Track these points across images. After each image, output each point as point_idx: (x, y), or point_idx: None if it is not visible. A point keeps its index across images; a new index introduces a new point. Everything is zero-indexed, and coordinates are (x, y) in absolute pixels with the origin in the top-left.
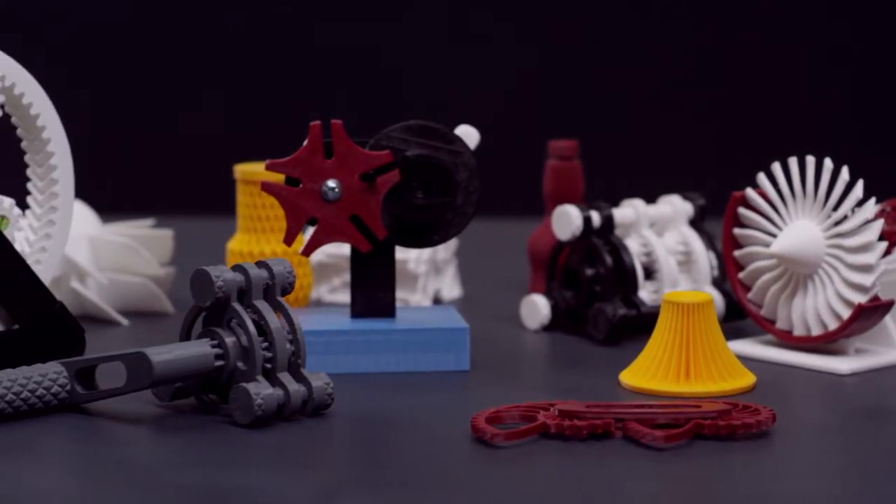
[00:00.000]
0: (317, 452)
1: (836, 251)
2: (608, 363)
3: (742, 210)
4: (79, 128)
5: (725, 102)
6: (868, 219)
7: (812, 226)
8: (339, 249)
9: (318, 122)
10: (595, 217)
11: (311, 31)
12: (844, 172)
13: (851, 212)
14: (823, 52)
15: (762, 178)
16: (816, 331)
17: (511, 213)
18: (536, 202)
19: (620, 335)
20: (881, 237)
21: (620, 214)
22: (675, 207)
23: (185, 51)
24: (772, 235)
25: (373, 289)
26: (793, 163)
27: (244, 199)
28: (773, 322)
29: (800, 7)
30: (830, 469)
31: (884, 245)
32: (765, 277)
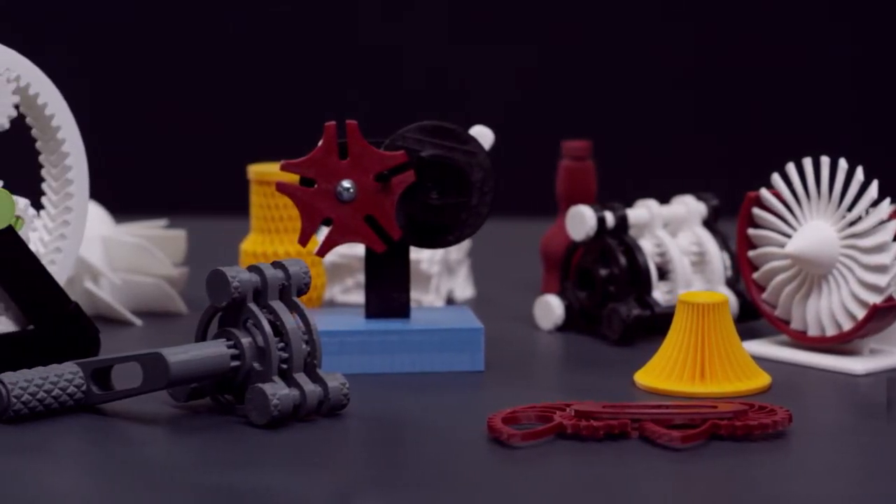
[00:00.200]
0: (332, 453)
1: (851, 251)
2: (622, 363)
3: (756, 210)
4: (91, 128)
5: (740, 103)
6: (883, 219)
7: (826, 226)
8: (352, 250)
9: (333, 123)
10: (609, 217)
11: (329, 32)
12: (859, 173)
13: (866, 212)
14: (842, 52)
15: (776, 179)
16: (831, 331)
17: (524, 214)
18: (550, 202)
19: (634, 335)
20: None
21: (634, 215)
22: (689, 208)
23: (201, 51)
24: (786, 236)
25: (387, 289)
26: (807, 163)
27: (258, 200)
28: (788, 322)
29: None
30: (846, 469)
31: None
32: (779, 278)
